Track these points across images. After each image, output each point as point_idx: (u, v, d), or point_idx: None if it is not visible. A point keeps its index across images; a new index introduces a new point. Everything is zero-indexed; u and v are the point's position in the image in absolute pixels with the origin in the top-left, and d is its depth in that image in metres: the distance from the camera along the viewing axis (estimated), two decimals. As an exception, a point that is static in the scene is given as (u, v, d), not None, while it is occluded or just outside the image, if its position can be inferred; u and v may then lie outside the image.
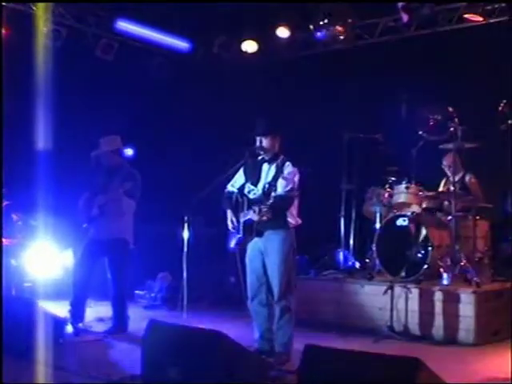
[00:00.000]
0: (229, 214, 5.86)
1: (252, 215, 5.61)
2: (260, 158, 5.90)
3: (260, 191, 5.73)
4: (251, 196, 5.78)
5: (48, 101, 8.18)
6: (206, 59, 10.65)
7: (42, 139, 8.17)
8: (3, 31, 8.41)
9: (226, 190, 6.01)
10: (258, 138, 5.83)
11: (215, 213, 6.35)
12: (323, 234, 8.77)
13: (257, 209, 5.50)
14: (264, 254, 5.78)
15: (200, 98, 10.56)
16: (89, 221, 7.01)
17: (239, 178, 5.99)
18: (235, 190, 5.95)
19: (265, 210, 5.44)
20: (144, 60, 10.07)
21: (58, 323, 6.28)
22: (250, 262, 5.89)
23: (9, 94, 8.31)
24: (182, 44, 10.15)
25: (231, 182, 6.03)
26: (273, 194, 5.54)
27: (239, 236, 5.75)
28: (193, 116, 10.59)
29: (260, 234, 5.70)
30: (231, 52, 10.37)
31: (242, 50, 10.20)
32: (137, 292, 8.82)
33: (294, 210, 5.80)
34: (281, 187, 5.61)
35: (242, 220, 5.74)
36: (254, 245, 5.82)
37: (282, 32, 9.73)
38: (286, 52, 10.23)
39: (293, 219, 5.78)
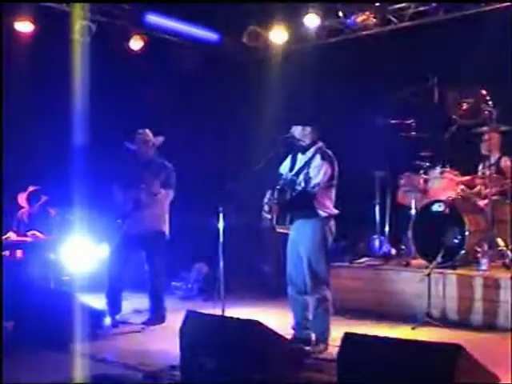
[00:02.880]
0: (268, 194, 5.83)
1: (264, 213, 5.73)
2: (300, 146, 5.87)
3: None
4: (287, 182, 5.76)
5: (82, 96, 8.27)
6: (235, 49, 10.64)
7: (77, 134, 8.29)
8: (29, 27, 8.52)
9: (279, 172, 6.01)
10: (292, 128, 5.84)
11: (248, 202, 6.35)
12: (358, 221, 8.71)
13: (266, 207, 5.69)
14: (298, 243, 5.78)
15: (230, 89, 10.56)
16: (123, 216, 7.04)
17: (286, 164, 5.98)
18: (284, 174, 5.93)
19: (271, 207, 5.65)
20: (173, 52, 10.09)
21: (96, 315, 6.38)
22: (288, 250, 5.89)
23: (45, 91, 8.45)
24: (211, 35, 10.14)
25: (282, 166, 6.02)
26: (297, 187, 5.58)
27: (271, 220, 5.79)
28: (224, 106, 10.59)
29: (291, 222, 5.73)
30: (260, 42, 10.32)
31: (270, 40, 10.15)
32: (173, 283, 8.87)
33: (327, 201, 5.73)
34: (304, 182, 5.57)
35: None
36: (292, 233, 5.82)
37: (311, 20, 9.66)
38: (315, 40, 10.15)
39: (323, 211, 5.69)
